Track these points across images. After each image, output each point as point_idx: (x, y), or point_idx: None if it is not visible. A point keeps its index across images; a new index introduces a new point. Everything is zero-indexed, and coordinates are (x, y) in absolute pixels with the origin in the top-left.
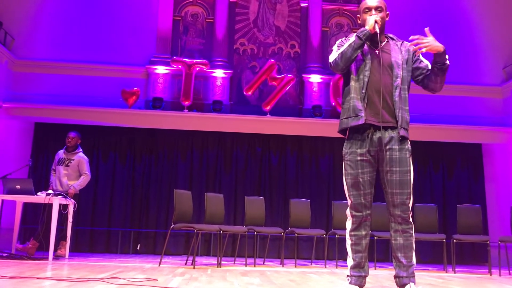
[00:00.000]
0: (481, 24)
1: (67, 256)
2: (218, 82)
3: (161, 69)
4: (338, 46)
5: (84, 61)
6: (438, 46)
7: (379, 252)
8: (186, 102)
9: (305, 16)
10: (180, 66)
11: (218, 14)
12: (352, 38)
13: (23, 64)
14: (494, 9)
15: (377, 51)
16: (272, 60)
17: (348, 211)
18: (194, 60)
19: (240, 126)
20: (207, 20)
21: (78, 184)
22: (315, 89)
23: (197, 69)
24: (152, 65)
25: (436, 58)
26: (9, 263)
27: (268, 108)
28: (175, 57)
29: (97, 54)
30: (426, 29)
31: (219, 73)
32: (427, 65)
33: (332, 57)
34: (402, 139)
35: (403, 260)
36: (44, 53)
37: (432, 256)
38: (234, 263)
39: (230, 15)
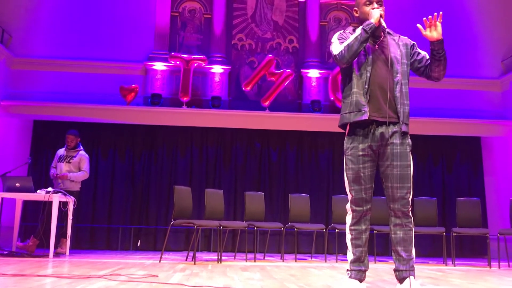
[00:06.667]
0: (479, 17)
1: (67, 253)
2: (217, 78)
3: (159, 65)
4: (339, 39)
5: (82, 58)
6: (440, 32)
7: (379, 246)
8: (185, 98)
9: (303, 11)
10: (178, 62)
11: (216, 9)
12: (358, 31)
13: (21, 62)
14: (492, 2)
15: (376, 47)
16: (271, 55)
17: (348, 206)
18: (192, 56)
19: (239, 122)
20: (204, 15)
21: (74, 175)
22: (313, 84)
23: (195, 65)
24: (150, 61)
25: (436, 46)
26: (9, 261)
27: (267, 103)
28: (173, 53)
29: (95, 51)
30: (441, 13)
31: (217, 68)
32: (425, 55)
33: (336, 50)
34: (404, 134)
35: (403, 254)
36: (42, 50)
37: (431, 249)
38: (234, 259)
39: (228, 10)
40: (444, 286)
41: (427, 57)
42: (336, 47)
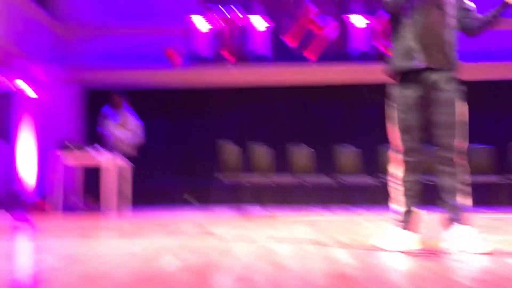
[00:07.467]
0: None
1: (128, 213)
2: (259, 34)
3: (201, 25)
4: None
5: (128, 24)
6: None
7: (430, 196)
8: (229, 57)
9: None
10: (220, 21)
11: None
12: None
13: (71, 32)
14: None
15: None
16: (313, 5)
17: (394, 156)
18: (234, 13)
19: (284, 77)
20: None
21: (129, 139)
22: (360, 32)
23: (237, 22)
24: (193, 22)
25: (504, 8)
26: (73, 220)
27: (311, 56)
28: (214, 12)
29: (139, 15)
30: None
31: (259, 24)
32: (474, 9)
33: None
34: (454, 80)
35: (450, 202)
36: (90, 18)
37: (486, 198)
38: (283, 213)
39: None
40: (496, 234)
41: (475, 11)
42: None
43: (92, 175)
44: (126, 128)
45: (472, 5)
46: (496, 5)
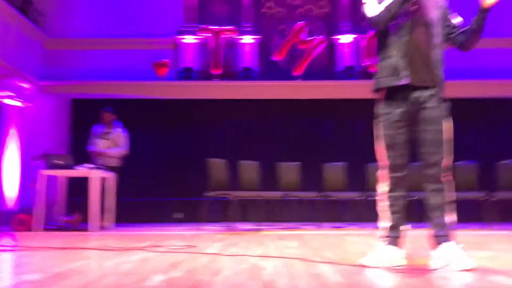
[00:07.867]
0: None
1: (111, 226)
2: (247, 49)
3: (189, 39)
4: None
5: (114, 36)
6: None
7: (417, 213)
8: (216, 71)
9: None
10: (208, 35)
11: None
12: None
13: (56, 42)
14: None
15: (414, 7)
16: (301, 22)
17: (382, 173)
18: (222, 27)
19: (271, 92)
20: None
21: (113, 151)
22: (346, 49)
23: (225, 36)
24: (180, 35)
25: (484, 14)
26: (57, 235)
27: (298, 72)
28: (202, 26)
29: (127, 28)
30: None
31: (247, 39)
32: (461, 22)
33: (373, 12)
34: (440, 98)
35: (439, 220)
36: (75, 30)
37: (472, 215)
38: (271, 228)
39: None
40: (485, 251)
41: (460, 24)
42: (373, 8)
43: (76, 188)
44: (111, 139)
45: (459, 20)
46: (476, 13)
